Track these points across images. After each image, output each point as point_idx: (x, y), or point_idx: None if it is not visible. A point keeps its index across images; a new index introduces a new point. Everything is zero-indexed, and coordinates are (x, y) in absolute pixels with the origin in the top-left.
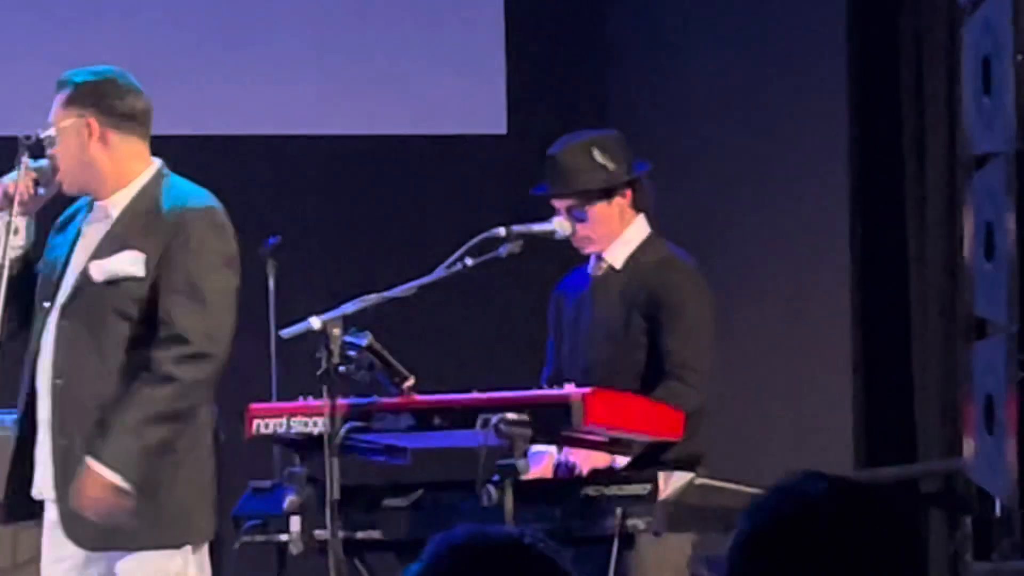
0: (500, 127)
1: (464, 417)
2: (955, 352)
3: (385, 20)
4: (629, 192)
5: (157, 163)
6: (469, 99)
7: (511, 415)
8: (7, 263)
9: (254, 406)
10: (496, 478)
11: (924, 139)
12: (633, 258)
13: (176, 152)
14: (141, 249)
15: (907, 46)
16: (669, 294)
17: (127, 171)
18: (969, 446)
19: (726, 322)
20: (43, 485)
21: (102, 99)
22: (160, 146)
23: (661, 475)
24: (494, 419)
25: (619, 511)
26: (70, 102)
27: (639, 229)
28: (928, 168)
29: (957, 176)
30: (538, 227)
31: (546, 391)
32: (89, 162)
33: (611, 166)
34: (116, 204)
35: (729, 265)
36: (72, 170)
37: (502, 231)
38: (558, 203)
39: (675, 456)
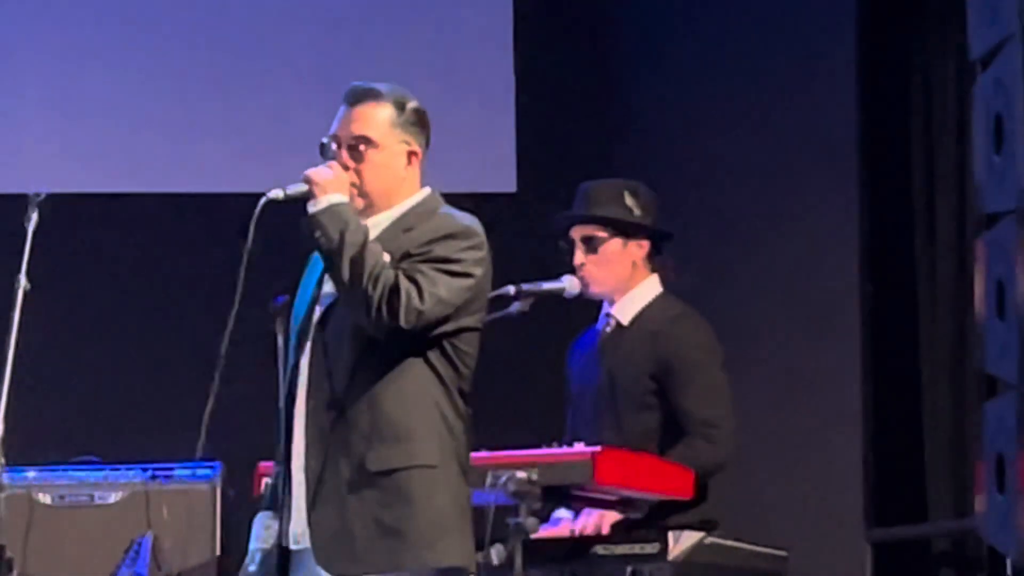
0: (510, 186)
1: (474, 475)
2: (966, 411)
3: (395, 79)
4: (647, 244)
5: None
6: (479, 157)
7: (520, 474)
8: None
9: (263, 464)
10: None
11: (934, 197)
12: (642, 315)
13: (189, 210)
14: None
15: (918, 105)
16: (680, 353)
17: None
18: (981, 505)
19: (734, 379)
20: (297, 528)
21: None
22: (174, 204)
23: (671, 534)
24: (503, 477)
25: (629, 570)
26: None
27: (650, 287)
28: (939, 226)
29: (968, 234)
30: (548, 285)
31: (555, 450)
32: None
33: (637, 211)
34: None
35: (737, 321)
36: None
37: (512, 289)
38: (576, 232)
39: (689, 521)
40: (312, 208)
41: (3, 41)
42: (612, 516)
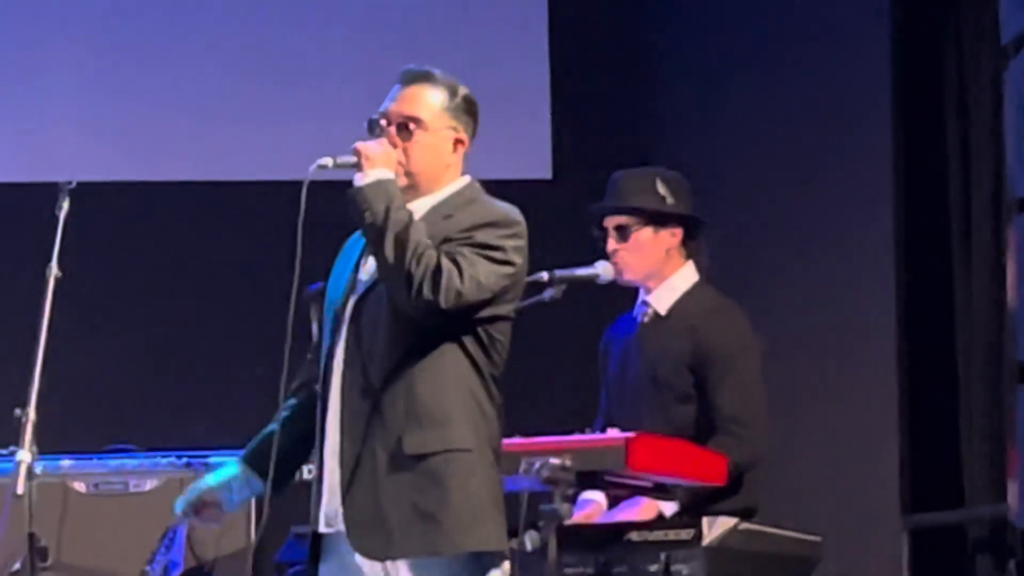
0: (545, 172)
1: (508, 462)
2: (1003, 396)
3: (430, 66)
4: (680, 232)
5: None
6: (514, 144)
7: (554, 460)
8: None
9: None
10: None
11: (970, 185)
12: (679, 305)
13: (220, 198)
14: None
15: (952, 91)
16: (717, 347)
17: None
18: (1013, 491)
19: (771, 367)
20: (330, 511)
21: None
22: (205, 192)
23: (704, 520)
24: (537, 464)
25: (663, 556)
26: None
27: (687, 276)
28: (974, 213)
29: (1003, 220)
30: (582, 271)
31: (590, 435)
32: None
33: (669, 199)
34: None
35: (772, 310)
36: None
37: (545, 275)
38: (609, 222)
39: (729, 509)
40: (359, 181)
41: (33, 30)
42: (652, 508)
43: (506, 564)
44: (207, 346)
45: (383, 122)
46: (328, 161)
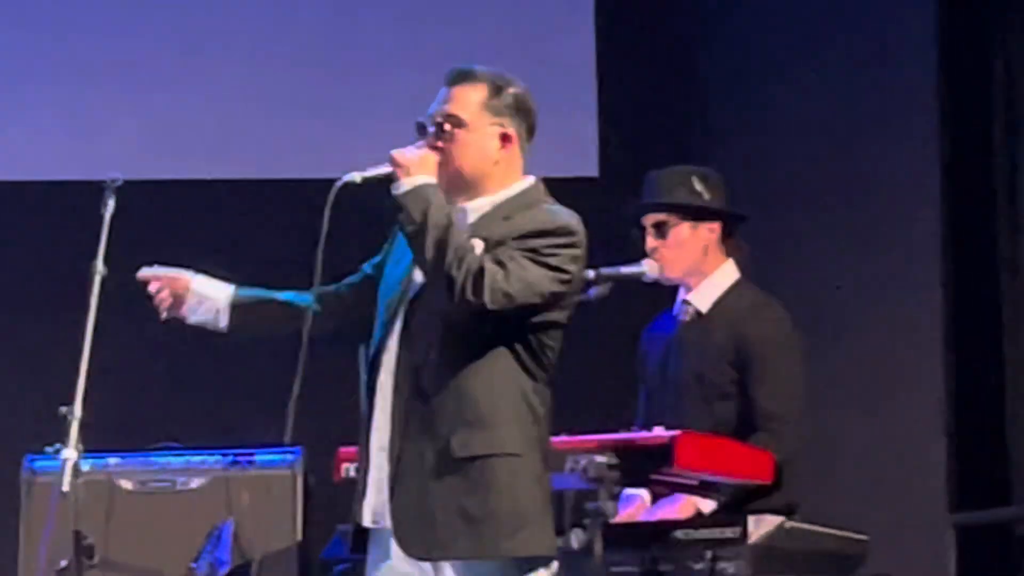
0: (592, 170)
1: (553, 460)
2: None
3: (477, 63)
4: (718, 227)
5: None
6: (560, 142)
7: (600, 458)
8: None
9: (343, 449)
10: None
11: (1017, 179)
12: (720, 303)
13: (265, 196)
14: None
15: (999, 85)
16: (757, 344)
17: None
18: None
19: (815, 364)
20: (378, 507)
21: None
22: (250, 190)
23: (751, 519)
24: (583, 462)
25: (709, 554)
26: None
27: (728, 273)
28: (1021, 208)
29: None
30: (627, 269)
31: (635, 434)
32: None
33: (707, 195)
34: None
35: (818, 308)
36: None
37: (591, 273)
38: (648, 220)
39: (769, 507)
40: (396, 190)
41: (78, 27)
42: (690, 506)
43: (554, 564)
44: (253, 343)
45: (427, 125)
46: (356, 177)
